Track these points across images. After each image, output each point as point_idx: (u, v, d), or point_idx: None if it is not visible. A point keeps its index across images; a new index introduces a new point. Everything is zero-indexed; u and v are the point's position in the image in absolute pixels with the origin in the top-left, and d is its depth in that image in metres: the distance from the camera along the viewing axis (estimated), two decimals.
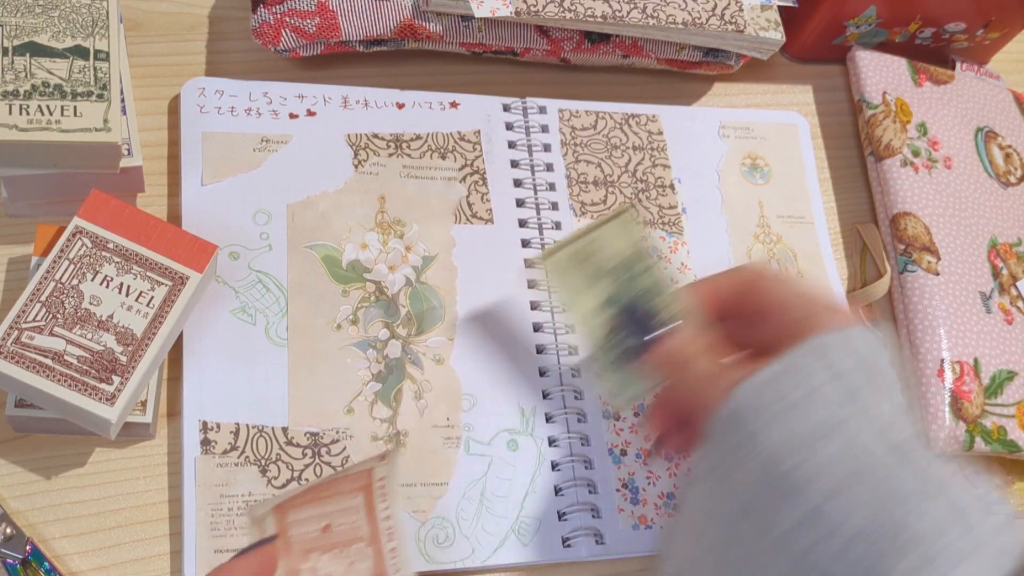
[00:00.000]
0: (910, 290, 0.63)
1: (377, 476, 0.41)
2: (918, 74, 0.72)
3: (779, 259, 0.64)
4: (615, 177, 0.63)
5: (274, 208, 0.56)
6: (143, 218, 0.49)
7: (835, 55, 0.73)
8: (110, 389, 0.45)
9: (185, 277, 0.48)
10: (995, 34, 0.74)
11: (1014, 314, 0.65)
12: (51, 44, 0.50)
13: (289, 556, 0.39)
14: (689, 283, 0.48)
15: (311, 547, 0.40)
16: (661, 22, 0.61)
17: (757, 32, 0.63)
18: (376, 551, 0.40)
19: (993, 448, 0.60)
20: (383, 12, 0.59)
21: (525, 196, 0.60)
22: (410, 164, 0.59)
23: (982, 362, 0.62)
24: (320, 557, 0.40)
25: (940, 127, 0.70)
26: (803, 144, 0.68)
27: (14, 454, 0.49)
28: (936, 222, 0.66)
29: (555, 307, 0.58)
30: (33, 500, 0.48)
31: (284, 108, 0.58)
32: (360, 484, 0.41)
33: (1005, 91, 0.75)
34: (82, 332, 0.46)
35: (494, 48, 0.62)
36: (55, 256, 0.47)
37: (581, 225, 0.55)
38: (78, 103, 0.49)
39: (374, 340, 0.54)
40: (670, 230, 0.62)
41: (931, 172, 0.68)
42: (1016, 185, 0.71)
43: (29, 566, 0.47)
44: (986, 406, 0.61)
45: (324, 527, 0.40)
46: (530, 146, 0.62)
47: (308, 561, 0.40)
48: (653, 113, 0.65)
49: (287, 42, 0.58)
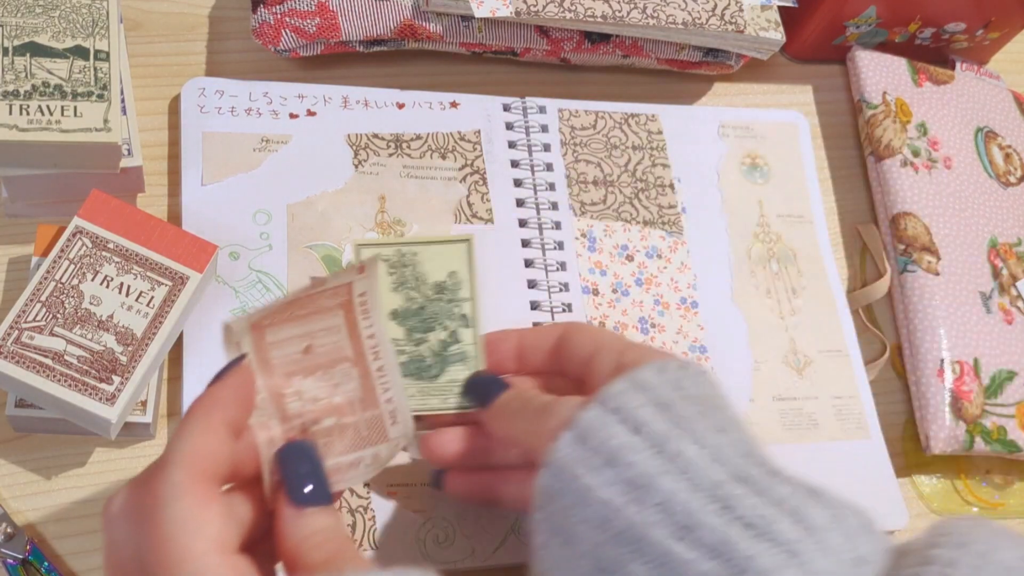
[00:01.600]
0: (910, 290, 0.63)
1: (357, 291, 0.38)
2: (918, 74, 0.72)
3: (779, 258, 0.64)
4: (615, 177, 0.63)
5: (274, 208, 0.56)
6: (143, 218, 0.49)
7: (835, 55, 0.73)
8: (110, 389, 0.45)
9: (185, 277, 0.48)
10: (995, 34, 0.74)
11: (1014, 314, 0.65)
12: (51, 44, 0.50)
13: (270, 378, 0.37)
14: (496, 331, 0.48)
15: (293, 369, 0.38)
16: (661, 22, 0.61)
17: (757, 32, 0.63)
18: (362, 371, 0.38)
19: (993, 448, 0.60)
20: (383, 12, 0.59)
21: (525, 196, 0.60)
22: (410, 164, 0.59)
23: (982, 362, 0.62)
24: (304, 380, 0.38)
25: (940, 127, 0.70)
26: (803, 144, 0.68)
27: (14, 454, 0.49)
28: (936, 222, 0.66)
29: (555, 307, 0.58)
30: (33, 500, 0.48)
31: (284, 108, 0.58)
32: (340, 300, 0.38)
33: (1005, 91, 0.75)
34: (82, 332, 0.46)
35: (494, 48, 0.62)
36: (55, 256, 0.47)
37: (418, 233, 0.55)
38: (78, 103, 0.49)
39: None
40: (670, 230, 0.62)
41: (931, 172, 0.68)
42: (1016, 185, 0.71)
43: (29, 566, 0.47)
44: (986, 406, 0.61)
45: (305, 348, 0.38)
46: (530, 146, 0.62)
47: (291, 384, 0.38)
48: (653, 113, 0.65)
49: (287, 42, 0.58)
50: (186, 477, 0.34)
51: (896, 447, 0.61)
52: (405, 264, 0.50)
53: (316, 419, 0.39)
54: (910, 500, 0.61)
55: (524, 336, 0.47)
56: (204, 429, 0.36)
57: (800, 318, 0.62)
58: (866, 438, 0.60)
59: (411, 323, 0.50)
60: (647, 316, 0.59)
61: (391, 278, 0.49)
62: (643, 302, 0.59)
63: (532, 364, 0.47)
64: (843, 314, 0.63)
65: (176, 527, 0.33)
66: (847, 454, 0.59)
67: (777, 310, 0.62)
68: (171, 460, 0.35)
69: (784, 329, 0.61)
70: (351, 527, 0.50)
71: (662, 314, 0.59)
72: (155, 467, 0.35)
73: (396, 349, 0.47)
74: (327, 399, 0.39)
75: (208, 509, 0.34)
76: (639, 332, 0.58)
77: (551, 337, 0.46)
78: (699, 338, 0.59)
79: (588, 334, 0.45)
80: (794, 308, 0.62)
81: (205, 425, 0.36)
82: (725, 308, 0.61)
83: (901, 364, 0.64)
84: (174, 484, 0.34)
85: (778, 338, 0.61)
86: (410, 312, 0.50)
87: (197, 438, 0.35)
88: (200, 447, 0.35)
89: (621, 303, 0.59)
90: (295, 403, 0.38)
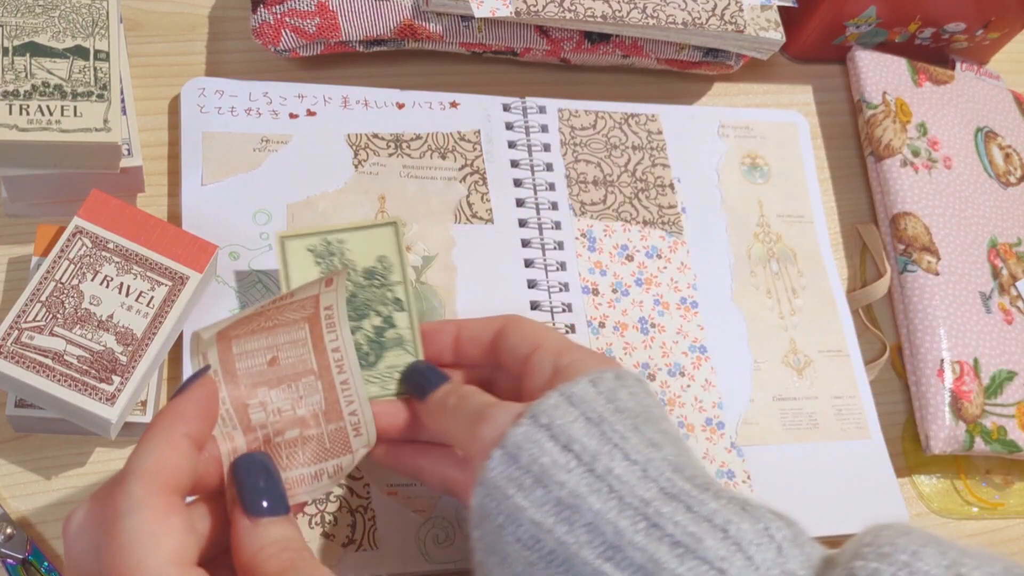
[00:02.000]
0: (910, 290, 0.63)
1: (323, 304, 0.38)
2: (918, 74, 0.72)
3: (779, 258, 0.64)
4: (615, 177, 0.63)
5: (274, 208, 0.56)
6: (143, 218, 0.49)
7: (835, 55, 0.73)
8: (110, 389, 0.45)
9: (185, 277, 0.48)
10: (995, 34, 0.74)
11: (1014, 314, 0.65)
12: (51, 44, 0.50)
13: (235, 389, 0.37)
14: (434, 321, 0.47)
15: (258, 381, 0.38)
16: (661, 22, 0.61)
17: (757, 32, 0.63)
18: (327, 384, 0.39)
19: (993, 448, 0.60)
20: (383, 12, 0.59)
21: (525, 196, 0.60)
22: (410, 164, 0.59)
23: (982, 362, 0.62)
24: (268, 392, 0.39)
25: (940, 127, 0.70)
26: (803, 144, 0.68)
27: (14, 454, 0.49)
28: (936, 222, 0.66)
29: (555, 307, 0.58)
30: (33, 500, 0.48)
31: (284, 108, 0.58)
32: (305, 314, 0.38)
33: (1005, 91, 0.75)
34: (82, 332, 0.46)
35: (494, 48, 0.62)
36: (55, 256, 0.47)
37: (339, 222, 0.53)
38: (78, 103, 0.49)
39: None
40: (669, 229, 0.62)
41: (931, 172, 0.68)
42: (1016, 185, 0.71)
43: (29, 566, 0.47)
44: (986, 406, 0.61)
45: (271, 360, 0.38)
46: (530, 146, 0.62)
47: (256, 395, 0.38)
48: (653, 112, 0.65)
49: (287, 42, 0.58)
50: (145, 490, 0.34)
51: (896, 447, 0.61)
52: (332, 253, 0.49)
53: (280, 431, 0.39)
54: (910, 500, 0.61)
55: (463, 327, 0.47)
56: (166, 442, 0.36)
57: (800, 318, 0.62)
58: (866, 438, 0.60)
59: None
60: (647, 316, 0.59)
61: (318, 268, 0.48)
62: (643, 302, 0.59)
63: (470, 356, 0.47)
64: (843, 314, 0.63)
65: (134, 540, 0.33)
66: (847, 454, 0.59)
67: (777, 310, 0.62)
68: (131, 473, 0.35)
69: (784, 329, 0.61)
70: (351, 527, 0.50)
71: (662, 314, 0.59)
72: (115, 480, 0.35)
73: None
74: (291, 411, 0.39)
75: (167, 523, 0.34)
76: (639, 332, 0.58)
77: (489, 330, 0.46)
78: (699, 338, 0.59)
79: (527, 330, 0.45)
80: (794, 308, 0.62)
81: (167, 438, 0.36)
82: (725, 308, 0.61)
83: (901, 364, 0.64)
84: (133, 497, 0.34)
85: (778, 338, 0.61)
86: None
87: (158, 451, 0.35)
88: (161, 460, 0.35)
89: (621, 303, 0.59)
90: (259, 414, 0.38)
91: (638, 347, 0.58)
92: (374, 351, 0.48)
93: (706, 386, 0.58)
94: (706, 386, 0.58)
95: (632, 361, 0.57)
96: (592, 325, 0.58)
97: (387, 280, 0.49)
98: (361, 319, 0.49)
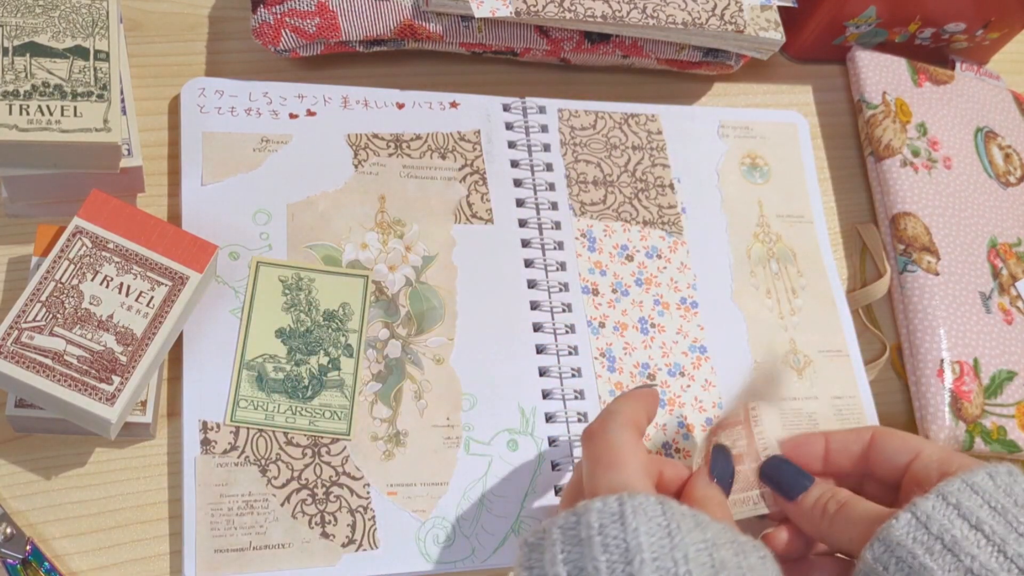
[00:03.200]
0: (910, 290, 0.63)
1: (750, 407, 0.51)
2: (918, 74, 0.72)
3: (779, 258, 0.64)
4: (614, 177, 0.63)
5: (274, 208, 0.56)
6: (143, 218, 0.49)
7: (835, 55, 0.73)
8: (110, 389, 0.45)
9: (185, 277, 0.48)
10: (995, 34, 0.74)
11: (1014, 314, 0.65)
12: (51, 44, 0.50)
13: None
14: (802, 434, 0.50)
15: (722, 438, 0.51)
16: (661, 22, 0.61)
17: (757, 32, 0.63)
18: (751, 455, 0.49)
19: (993, 448, 0.60)
20: (383, 12, 0.59)
21: (525, 196, 0.60)
22: (410, 164, 0.59)
23: (982, 362, 0.62)
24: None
25: (940, 127, 0.70)
26: (803, 144, 0.68)
27: (14, 454, 0.49)
28: (936, 222, 0.66)
29: (555, 307, 0.58)
30: (33, 500, 0.48)
31: (284, 108, 0.58)
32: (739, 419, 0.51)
33: (1005, 91, 0.75)
34: (82, 332, 0.46)
35: (494, 48, 0.62)
36: (55, 256, 0.47)
37: (317, 263, 0.55)
38: (78, 103, 0.49)
39: (374, 340, 0.54)
40: (669, 230, 0.62)
41: (931, 172, 0.68)
42: (1016, 185, 0.71)
43: (29, 566, 0.47)
44: (986, 406, 0.61)
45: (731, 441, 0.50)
46: (530, 146, 0.62)
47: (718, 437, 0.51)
48: (652, 113, 0.65)
49: (287, 42, 0.58)
50: (626, 423, 0.44)
51: None
52: (300, 288, 0.54)
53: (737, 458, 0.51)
54: None
55: (831, 438, 0.49)
56: (635, 403, 0.46)
57: (800, 318, 0.62)
58: None
59: (295, 343, 0.52)
60: (647, 316, 0.59)
61: (284, 298, 0.53)
62: (643, 302, 0.59)
63: (839, 466, 0.49)
64: (843, 314, 0.63)
65: (619, 441, 0.43)
66: None
67: (777, 310, 0.62)
68: (612, 413, 0.45)
69: (784, 329, 0.61)
70: (351, 527, 0.50)
71: (662, 314, 0.59)
72: (598, 419, 0.45)
73: (274, 367, 0.52)
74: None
75: (640, 444, 0.44)
76: (639, 332, 0.58)
77: (860, 441, 0.48)
78: (699, 338, 0.59)
79: (901, 440, 0.47)
80: (794, 308, 0.62)
81: (635, 400, 0.46)
82: (725, 308, 0.61)
83: (901, 364, 0.64)
84: (618, 423, 0.44)
85: (778, 338, 0.61)
86: (297, 333, 0.53)
87: (629, 406, 0.45)
88: (636, 410, 0.45)
89: (621, 303, 0.59)
90: None
91: (638, 347, 0.58)
92: (312, 387, 0.52)
93: (706, 386, 0.58)
94: (706, 386, 0.58)
95: (632, 361, 0.58)
96: (592, 325, 0.58)
97: (343, 326, 0.53)
98: (310, 355, 0.52)
